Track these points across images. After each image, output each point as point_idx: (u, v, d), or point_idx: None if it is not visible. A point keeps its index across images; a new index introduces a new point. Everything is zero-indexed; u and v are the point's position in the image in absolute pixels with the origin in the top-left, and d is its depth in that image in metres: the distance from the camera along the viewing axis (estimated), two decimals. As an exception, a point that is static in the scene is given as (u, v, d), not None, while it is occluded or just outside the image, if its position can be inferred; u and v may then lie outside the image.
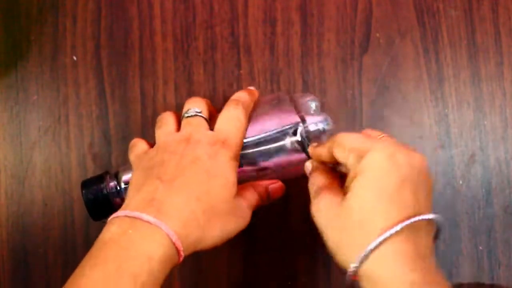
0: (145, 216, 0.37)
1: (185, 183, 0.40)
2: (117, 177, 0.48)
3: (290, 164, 0.46)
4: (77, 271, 0.36)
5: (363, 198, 0.36)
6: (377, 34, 0.54)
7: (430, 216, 0.36)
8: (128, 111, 0.56)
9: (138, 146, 0.46)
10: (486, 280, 0.53)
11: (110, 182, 0.48)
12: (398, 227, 0.35)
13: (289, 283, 0.54)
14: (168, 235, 0.37)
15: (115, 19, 0.57)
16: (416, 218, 0.35)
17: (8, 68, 0.57)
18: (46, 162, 0.56)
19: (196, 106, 0.46)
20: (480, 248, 0.52)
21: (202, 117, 0.45)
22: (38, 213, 0.56)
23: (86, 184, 0.48)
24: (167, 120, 0.46)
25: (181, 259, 0.38)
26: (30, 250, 0.56)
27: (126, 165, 0.48)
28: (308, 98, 0.48)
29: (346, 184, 0.38)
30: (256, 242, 0.54)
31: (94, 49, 0.56)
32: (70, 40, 0.57)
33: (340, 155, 0.39)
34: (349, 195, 0.37)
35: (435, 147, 0.53)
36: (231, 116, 0.45)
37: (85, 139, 0.56)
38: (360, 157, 0.37)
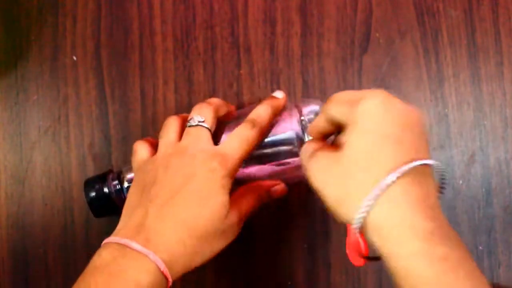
0: (134, 245, 0.38)
1: (174, 209, 0.40)
2: (119, 176, 0.48)
3: (291, 169, 0.46)
4: None
5: (363, 142, 0.35)
6: (377, 34, 0.54)
7: (436, 162, 0.34)
8: (128, 111, 0.56)
9: (139, 153, 0.46)
10: (486, 280, 0.53)
11: (112, 181, 0.48)
12: (405, 167, 0.33)
13: (289, 283, 0.54)
14: (156, 264, 0.38)
15: (115, 19, 0.57)
16: (424, 162, 0.34)
17: (8, 68, 0.57)
18: (46, 162, 0.56)
19: (200, 114, 0.45)
20: (480, 248, 0.52)
21: (205, 127, 0.44)
22: (38, 213, 0.56)
23: (89, 183, 0.48)
24: (169, 129, 0.46)
25: (170, 284, 0.39)
26: (30, 250, 0.56)
27: (130, 165, 0.49)
28: (312, 107, 0.47)
29: (343, 136, 0.37)
30: (256, 242, 0.54)
31: (94, 49, 0.56)
32: (70, 40, 0.57)
33: (334, 111, 0.38)
34: (347, 142, 0.35)
35: (435, 147, 0.53)
36: (241, 136, 0.44)
37: (85, 139, 0.56)
38: (354, 107, 0.36)
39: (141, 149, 0.46)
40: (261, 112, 0.45)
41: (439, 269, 0.31)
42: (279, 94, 0.47)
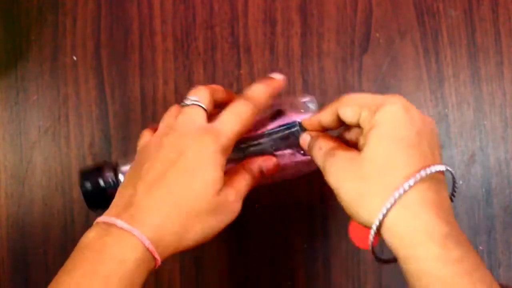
0: (119, 222, 0.38)
1: (163, 186, 0.40)
2: (115, 168, 0.48)
3: (286, 164, 0.46)
4: (56, 277, 0.37)
5: (383, 147, 0.36)
6: (377, 34, 0.54)
7: (450, 168, 0.36)
8: (128, 111, 0.56)
9: (143, 137, 0.46)
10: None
11: (107, 174, 0.48)
12: (423, 173, 0.34)
13: (289, 283, 0.54)
14: (141, 241, 0.38)
15: (115, 19, 0.57)
16: (440, 168, 0.35)
17: (8, 68, 0.57)
18: (46, 162, 0.56)
19: (195, 95, 0.44)
20: (480, 248, 0.52)
21: (199, 105, 0.43)
22: (38, 213, 0.56)
23: (84, 174, 0.48)
24: (168, 113, 0.45)
25: (158, 262, 0.39)
26: (30, 250, 0.56)
27: (126, 157, 0.49)
28: (305, 99, 0.48)
29: (362, 139, 0.38)
30: (256, 242, 0.54)
31: (94, 49, 0.56)
32: (70, 40, 0.57)
33: (349, 114, 0.39)
34: (366, 146, 0.36)
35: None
36: (235, 111, 0.43)
37: (85, 139, 0.56)
38: (374, 112, 0.37)
39: (145, 134, 0.46)
40: (256, 89, 0.45)
41: (455, 271, 0.32)
42: (276, 75, 0.46)
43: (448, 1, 0.54)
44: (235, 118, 0.43)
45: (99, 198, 0.48)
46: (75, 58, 0.56)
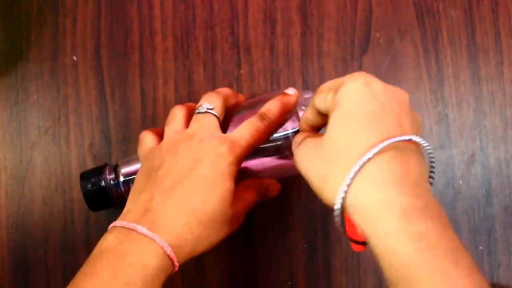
0: (140, 228, 0.38)
1: (181, 193, 0.40)
2: (116, 170, 0.48)
3: (285, 165, 0.47)
4: (75, 279, 0.37)
5: (342, 126, 0.35)
6: (377, 34, 0.54)
7: (419, 139, 0.34)
8: (128, 111, 0.56)
9: (145, 141, 0.46)
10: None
11: (108, 175, 0.48)
12: (380, 145, 0.32)
13: (289, 283, 0.54)
14: (162, 247, 0.38)
15: (115, 19, 0.57)
16: (404, 137, 0.33)
17: (8, 68, 0.57)
18: (46, 162, 0.56)
19: (209, 102, 0.45)
20: (480, 248, 0.52)
21: (213, 114, 0.44)
22: (38, 213, 0.56)
23: (84, 176, 0.48)
24: (175, 116, 0.46)
25: (176, 268, 0.39)
26: (30, 250, 0.56)
27: (127, 158, 0.49)
28: (306, 95, 0.48)
29: (326, 124, 0.37)
30: (256, 242, 0.54)
31: (94, 49, 0.56)
32: (70, 40, 0.57)
33: (320, 102, 0.38)
34: (328, 127, 0.36)
35: (435, 147, 0.53)
36: (251, 126, 0.44)
37: (85, 139, 0.56)
38: (336, 92, 0.36)
39: (147, 139, 0.46)
40: (271, 106, 0.45)
41: (415, 246, 0.30)
42: (291, 91, 0.47)
43: (448, 1, 0.54)
44: (251, 132, 0.43)
45: (101, 199, 0.48)
46: (75, 58, 0.56)
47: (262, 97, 0.48)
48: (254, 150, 0.44)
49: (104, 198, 0.48)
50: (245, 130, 0.43)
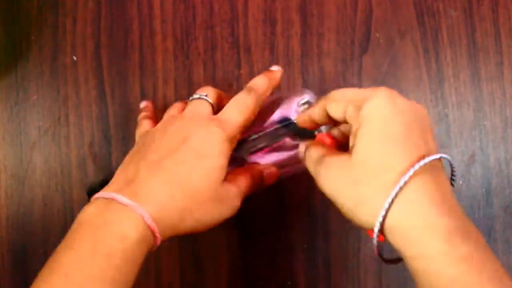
0: (120, 198, 0.37)
1: (169, 166, 0.40)
2: None
3: (284, 160, 0.47)
4: (53, 254, 0.36)
5: (373, 146, 0.34)
6: (377, 34, 0.54)
7: (446, 155, 0.35)
8: (128, 111, 0.56)
9: (142, 125, 0.47)
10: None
11: None
12: (418, 165, 0.33)
13: (289, 283, 0.54)
14: (142, 217, 0.37)
15: (115, 19, 0.57)
16: (435, 156, 0.33)
17: (8, 68, 0.57)
18: (46, 162, 0.56)
19: (203, 91, 0.45)
20: (480, 248, 0.52)
21: (206, 100, 0.44)
22: (38, 213, 0.56)
23: (90, 190, 0.48)
24: (172, 107, 0.47)
25: (158, 241, 0.38)
26: (30, 250, 0.56)
27: None
28: (304, 94, 0.48)
29: (351, 138, 0.37)
30: (256, 242, 0.54)
31: (94, 49, 0.56)
32: (70, 40, 0.57)
33: (336, 110, 0.38)
34: (356, 147, 0.35)
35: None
36: (239, 102, 0.44)
37: (85, 139, 0.56)
38: (359, 107, 0.36)
39: (144, 122, 0.47)
40: (257, 81, 0.45)
41: (462, 269, 0.31)
42: (275, 68, 0.48)
43: (448, 1, 0.54)
44: (239, 109, 0.43)
45: None
46: (75, 58, 0.56)
47: None
48: (246, 126, 0.44)
49: None
50: (233, 109, 0.43)
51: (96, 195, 0.39)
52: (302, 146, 0.42)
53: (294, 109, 0.46)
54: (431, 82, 0.54)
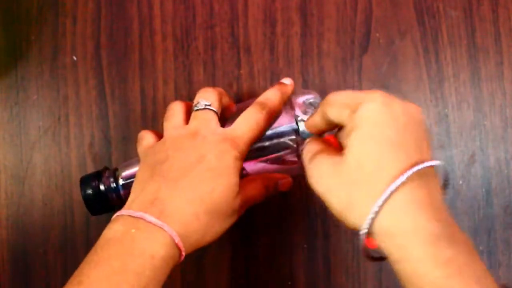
0: (148, 217, 0.38)
1: (188, 183, 0.40)
2: (115, 173, 0.48)
3: (287, 163, 0.47)
4: (81, 268, 0.37)
5: (365, 149, 0.35)
6: (377, 34, 0.54)
7: (438, 162, 0.34)
8: (128, 111, 0.56)
9: (146, 139, 0.46)
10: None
11: (108, 179, 0.48)
12: (409, 172, 0.33)
13: (289, 283, 0.54)
14: (170, 236, 0.38)
15: (115, 19, 0.56)
16: (427, 164, 0.34)
17: (8, 68, 0.57)
18: (46, 162, 0.56)
19: (206, 98, 0.45)
20: (480, 248, 0.52)
21: (212, 110, 0.44)
22: (38, 213, 0.56)
23: (84, 180, 0.48)
24: (174, 111, 0.46)
25: (183, 258, 0.39)
26: (30, 250, 0.56)
27: (127, 162, 0.49)
28: (306, 97, 0.48)
29: (343, 140, 0.37)
30: (256, 242, 0.54)
31: (94, 49, 0.56)
32: (70, 40, 0.57)
33: (333, 114, 0.38)
34: (348, 149, 0.35)
35: (435, 147, 0.53)
36: (250, 118, 0.44)
37: (85, 139, 0.56)
38: (354, 111, 0.36)
39: (147, 136, 0.46)
40: (270, 95, 0.45)
41: (445, 272, 0.31)
42: (287, 81, 0.48)
43: (448, 1, 0.54)
44: (251, 125, 0.43)
45: (101, 203, 0.48)
46: (75, 58, 0.56)
47: (252, 101, 0.48)
48: (256, 140, 0.44)
49: (104, 202, 0.48)
50: (244, 124, 0.43)
51: (120, 212, 0.39)
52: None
53: (300, 108, 0.46)
54: (431, 82, 0.54)
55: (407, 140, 0.35)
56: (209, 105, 0.44)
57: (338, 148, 0.39)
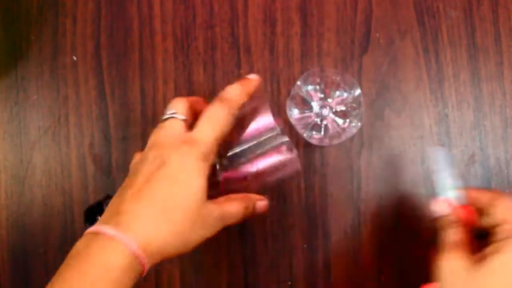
0: (105, 229, 0.38)
1: (149, 192, 0.40)
2: None
3: (272, 168, 0.46)
4: (48, 285, 0.38)
5: (502, 277, 0.36)
6: (377, 34, 0.54)
7: None
8: (128, 111, 0.56)
9: (134, 158, 0.46)
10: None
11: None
12: None
13: (289, 283, 0.54)
14: (127, 246, 0.38)
15: (115, 19, 0.57)
16: None
17: (8, 68, 0.57)
18: (46, 162, 0.56)
19: (172, 107, 0.44)
20: (480, 248, 0.52)
21: (176, 118, 0.44)
22: (38, 213, 0.56)
23: (87, 213, 0.48)
24: (156, 130, 0.45)
25: (146, 267, 0.39)
26: (30, 250, 0.56)
27: None
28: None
29: (486, 252, 0.38)
30: (256, 242, 0.54)
31: (94, 49, 0.56)
32: (70, 40, 0.57)
33: (491, 221, 0.39)
34: (486, 268, 0.37)
35: (435, 147, 0.53)
36: (211, 116, 0.43)
37: (85, 139, 0.56)
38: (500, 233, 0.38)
39: (135, 155, 0.46)
40: (230, 90, 0.45)
41: None
42: (252, 76, 0.47)
43: (448, 1, 0.54)
44: (212, 124, 0.43)
45: None
46: (75, 58, 0.56)
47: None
48: (222, 138, 0.43)
49: None
50: (206, 124, 0.43)
51: (87, 230, 0.40)
52: (444, 205, 0.43)
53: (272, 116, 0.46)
54: (431, 82, 0.54)
55: None
56: (174, 113, 0.44)
57: (472, 222, 0.40)
